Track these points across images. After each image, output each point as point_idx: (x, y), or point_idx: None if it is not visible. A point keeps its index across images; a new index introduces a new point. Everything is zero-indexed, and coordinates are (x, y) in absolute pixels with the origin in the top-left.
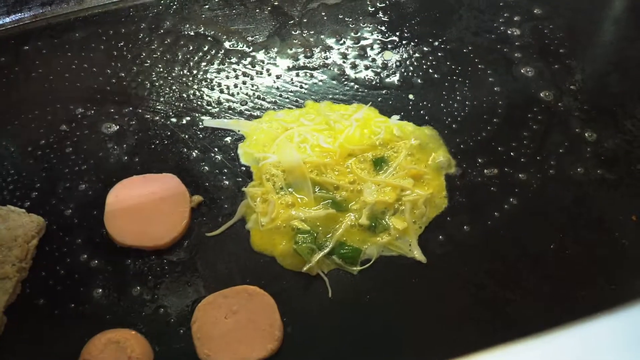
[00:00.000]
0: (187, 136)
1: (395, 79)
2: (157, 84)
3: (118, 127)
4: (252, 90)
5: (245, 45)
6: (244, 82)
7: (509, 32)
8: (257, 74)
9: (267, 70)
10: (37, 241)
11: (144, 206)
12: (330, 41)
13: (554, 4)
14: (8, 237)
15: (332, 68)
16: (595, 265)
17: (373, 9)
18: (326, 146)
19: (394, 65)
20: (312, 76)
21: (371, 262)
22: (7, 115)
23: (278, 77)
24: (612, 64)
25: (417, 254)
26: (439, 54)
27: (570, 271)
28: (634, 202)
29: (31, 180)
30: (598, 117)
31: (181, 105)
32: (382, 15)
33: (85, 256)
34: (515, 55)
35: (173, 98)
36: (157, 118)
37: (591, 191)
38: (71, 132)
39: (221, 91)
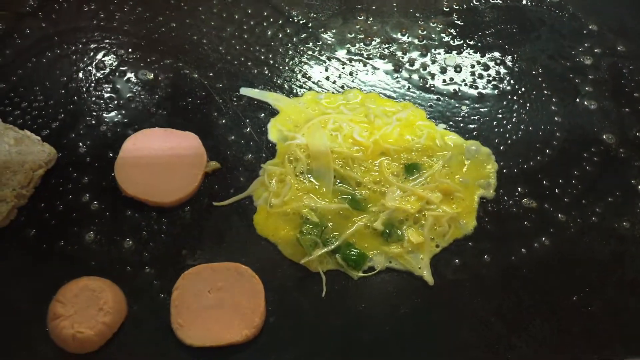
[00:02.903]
0: (221, 100)
1: (451, 86)
2: (204, 40)
3: (154, 76)
4: (299, 66)
5: (305, 20)
6: (293, 57)
7: (586, 63)
8: (308, 50)
9: (320, 49)
10: (43, 171)
11: (158, 160)
12: (394, 33)
13: None
14: (16, 161)
15: (388, 61)
16: (616, 330)
17: (448, 9)
18: (359, 139)
19: (453, 72)
20: (365, 65)
21: (375, 272)
22: (51, 42)
23: (329, 58)
24: None
25: (426, 274)
26: (505, 70)
27: (588, 330)
28: None
29: (56, 110)
30: None
31: (224, 67)
32: (455, 18)
33: (88, 197)
34: (587, 88)
35: (217, 59)
36: (196, 76)
37: (632, 249)
38: (108, 71)
39: (267, 61)
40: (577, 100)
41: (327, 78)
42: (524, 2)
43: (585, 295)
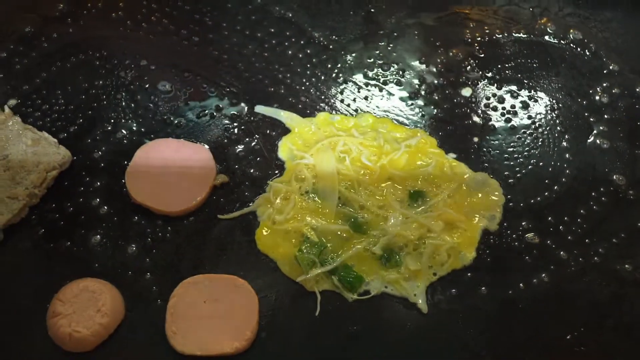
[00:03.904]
0: (236, 115)
1: (465, 117)
2: (225, 55)
3: (173, 88)
4: (315, 87)
5: (326, 41)
6: (311, 78)
7: (603, 102)
8: (327, 72)
9: (339, 72)
10: (57, 173)
11: (169, 170)
12: (413, 61)
13: None
14: (31, 161)
15: (404, 88)
16: None
17: (470, 39)
18: (367, 163)
19: (469, 103)
20: (381, 90)
21: (370, 295)
22: (75, 48)
23: (346, 81)
24: None
25: (421, 302)
26: (520, 104)
27: None
28: None
29: (75, 115)
30: None
31: (241, 83)
32: (476, 49)
33: (98, 201)
34: (601, 128)
35: (236, 75)
36: (213, 89)
37: (632, 293)
38: (129, 80)
39: (284, 80)
40: (590, 138)
41: (342, 100)
42: (547, 37)
43: (580, 335)
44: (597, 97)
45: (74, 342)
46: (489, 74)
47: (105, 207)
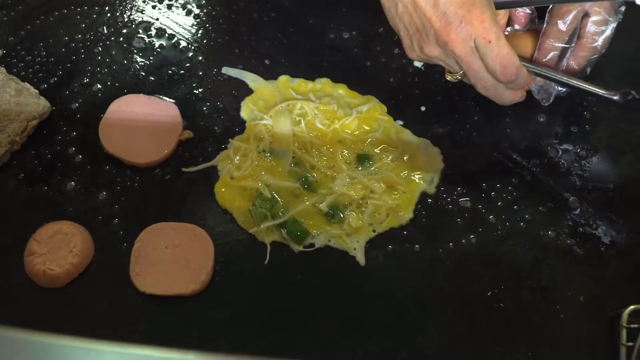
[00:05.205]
0: (203, 74)
1: (415, 87)
2: (204, 18)
3: (147, 45)
4: (278, 50)
5: (291, 6)
6: (274, 40)
7: None
8: (289, 36)
9: (300, 35)
10: (37, 122)
11: (138, 124)
12: (373, 30)
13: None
14: (14, 110)
15: (362, 55)
16: (523, 328)
17: None
18: (320, 126)
19: (421, 74)
20: (340, 56)
21: (315, 248)
22: (59, 2)
23: (307, 45)
24: (630, 144)
25: (359, 256)
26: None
27: (496, 324)
28: (588, 284)
29: (55, 67)
30: (593, 190)
31: (210, 43)
32: None
33: (74, 149)
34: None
35: (204, 34)
36: (189, 46)
37: (552, 257)
38: (106, 36)
39: (250, 42)
40: (530, 113)
41: (304, 64)
42: None
43: (500, 292)
44: None
45: (47, 279)
46: None
47: (80, 156)
